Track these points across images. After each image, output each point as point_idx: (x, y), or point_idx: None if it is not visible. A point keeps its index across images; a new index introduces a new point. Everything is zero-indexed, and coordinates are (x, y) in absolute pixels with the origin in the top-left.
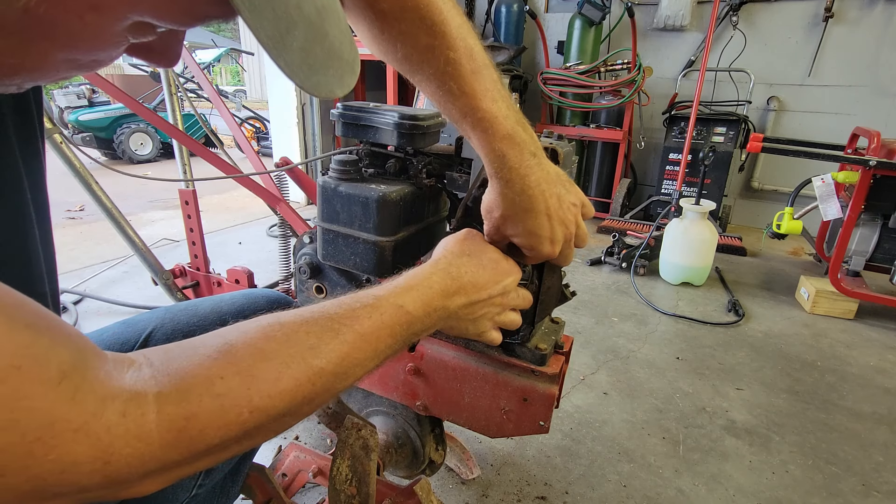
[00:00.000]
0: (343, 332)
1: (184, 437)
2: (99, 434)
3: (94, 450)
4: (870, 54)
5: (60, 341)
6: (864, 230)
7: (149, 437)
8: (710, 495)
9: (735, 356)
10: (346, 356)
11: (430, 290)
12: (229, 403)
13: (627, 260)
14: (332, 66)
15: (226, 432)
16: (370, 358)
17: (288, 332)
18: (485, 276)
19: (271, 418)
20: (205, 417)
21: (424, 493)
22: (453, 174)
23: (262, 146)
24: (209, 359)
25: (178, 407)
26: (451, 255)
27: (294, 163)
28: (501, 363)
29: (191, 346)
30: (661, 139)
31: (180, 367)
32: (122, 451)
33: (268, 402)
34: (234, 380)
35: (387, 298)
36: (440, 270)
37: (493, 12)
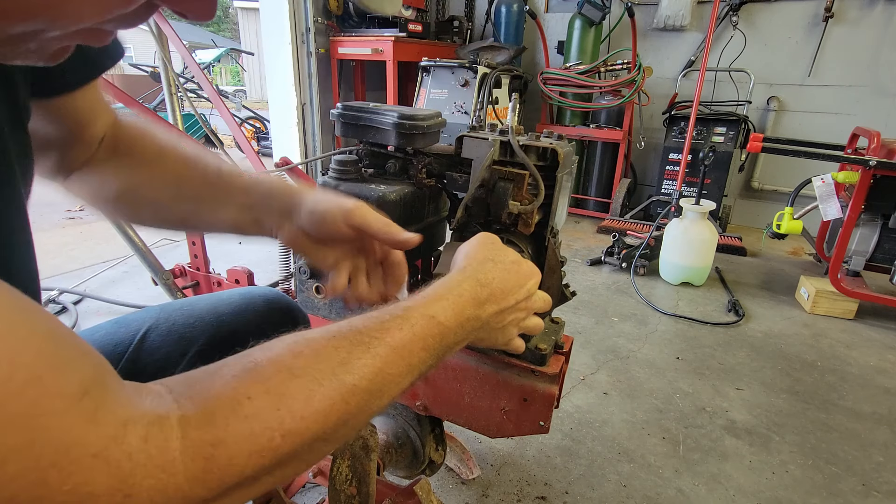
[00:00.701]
0: (374, 346)
1: (212, 468)
2: (119, 461)
3: (113, 480)
4: (870, 54)
5: (81, 354)
6: (864, 230)
7: (173, 467)
8: (710, 495)
9: (735, 356)
10: (379, 371)
11: (461, 299)
12: (259, 427)
13: (627, 260)
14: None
15: (258, 460)
16: (404, 373)
17: (316, 349)
18: (510, 280)
19: (305, 443)
20: (233, 443)
21: (424, 493)
22: (453, 174)
23: (262, 146)
24: (234, 378)
25: (204, 432)
26: (476, 261)
27: (294, 163)
28: (501, 363)
29: (213, 369)
30: (661, 139)
31: (204, 389)
32: (144, 483)
33: (300, 423)
34: (262, 400)
35: (417, 309)
36: (469, 278)
37: (493, 12)
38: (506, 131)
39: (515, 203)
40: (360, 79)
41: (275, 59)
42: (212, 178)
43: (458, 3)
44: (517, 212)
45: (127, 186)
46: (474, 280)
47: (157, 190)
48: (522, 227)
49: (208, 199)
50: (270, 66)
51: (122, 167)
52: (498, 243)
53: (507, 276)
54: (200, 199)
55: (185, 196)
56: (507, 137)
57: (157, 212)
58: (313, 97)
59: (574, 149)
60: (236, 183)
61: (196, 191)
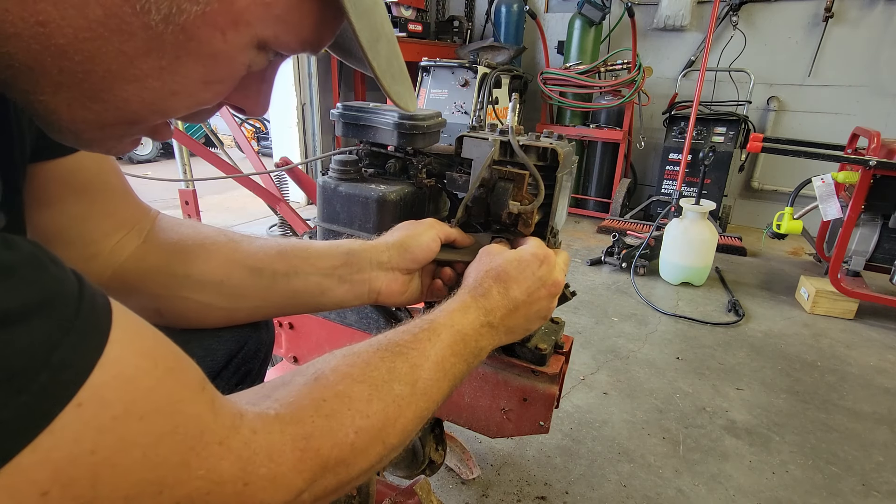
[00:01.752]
0: (412, 357)
1: (306, 458)
2: (239, 450)
3: (235, 467)
4: (870, 54)
5: (186, 355)
6: (864, 230)
7: (280, 457)
8: (710, 495)
9: (735, 356)
10: (419, 377)
11: (469, 309)
12: (337, 424)
13: (627, 260)
14: (405, 82)
15: (339, 452)
16: (442, 378)
17: (366, 360)
18: (513, 283)
19: (372, 439)
20: (319, 436)
21: (424, 493)
22: (453, 174)
23: (262, 146)
24: (307, 386)
25: (297, 427)
26: (476, 278)
27: (294, 163)
28: (501, 363)
29: (283, 381)
30: (661, 139)
31: (284, 395)
32: (259, 472)
33: (367, 421)
34: (335, 402)
35: (439, 321)
36: (469, 291)
37: (493, 12)
38: (506, 131)
39: (515, 203)
40: (360, 79)
41: None
42: (281, 249)
43: (458, 3)
44: (517, 212)
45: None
46: (474, 293)
47: (232, 275)
48: (522, 227)
49: (282, 272)
50: None
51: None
52: (495, 251)
53: (506, 279)
54: (275, 272)
55: (259, 271)
56: (507, 137)
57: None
58: (313, 97)
59: (574, 149)
60: (310, 250)
61: (269, 263)
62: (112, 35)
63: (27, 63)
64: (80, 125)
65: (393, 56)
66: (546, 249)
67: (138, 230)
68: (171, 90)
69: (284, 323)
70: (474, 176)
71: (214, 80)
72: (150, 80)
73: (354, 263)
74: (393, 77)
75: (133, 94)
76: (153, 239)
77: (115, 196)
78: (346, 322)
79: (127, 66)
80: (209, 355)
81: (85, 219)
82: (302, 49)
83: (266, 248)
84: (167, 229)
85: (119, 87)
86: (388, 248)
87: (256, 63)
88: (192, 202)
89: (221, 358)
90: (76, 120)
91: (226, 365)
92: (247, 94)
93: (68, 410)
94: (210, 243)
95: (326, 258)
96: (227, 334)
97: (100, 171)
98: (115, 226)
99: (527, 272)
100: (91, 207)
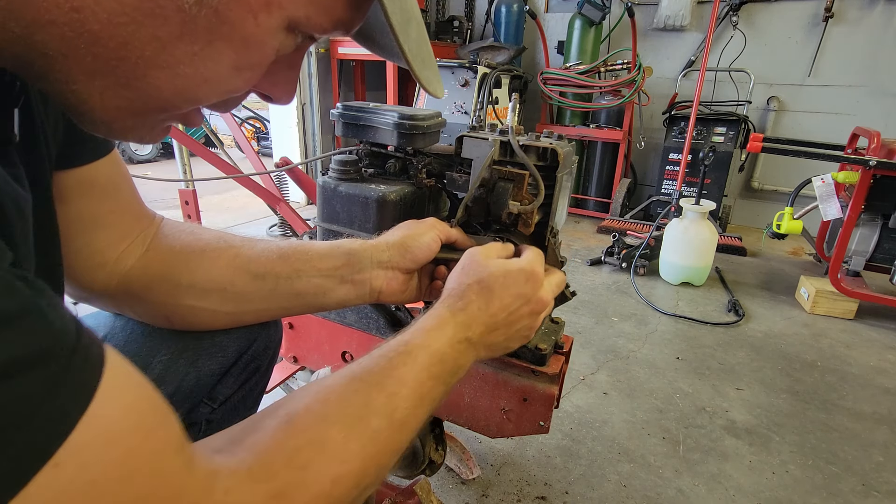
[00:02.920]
0: (388, 385)
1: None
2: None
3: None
4: (870, 54)
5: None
6: (864, 230)
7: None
8: (710, 495)
9: (735, 356)
10: (396, 408)
11: (446, 326)
12: (311, 476)
13: (627, 260)
14: (433, 68)
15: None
16: (419, 405)
17: (340, 395)
18: (495, 298)
19: (350, 486)
20: (294, 492)
21: (424, 493)
22: (453, 174)
23: (262, 146)
24: (279, 431)
25: (269, 485)
26: (457, 289)
27: (294, 163)
28: (501, 363)
29: (253, 424)
30: (661, 139)
31: (255, 444)
32: None
33: (343, 467)
34: (308, 450)
35: (414, 343)
36: (448, 306)
37: (493, 12)
38: (506, 131)
39: (515, 203)
40: (360, 79)
41: None
42: (282, 252)
43: (458, 3)
44: (517, 212)
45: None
46: (453, 307)
47: (237, 277)
48: (522, 227)
49: (285, 275)
50: None
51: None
52: (481, 261)
53: (489, 294)
54: (278, 275)
55: (262, 276)
56: (507, 137)
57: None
58: (313, 97)
59: (574, 149)
60: (311, 252)
61: (271, 267)
62: (146, 19)
63: (61, 50)
64: (112, 114)
65: (422, 41)
66: (536, 266)
67: (143, 238)
68: (203, 77)
69: (284, 323)
70: (474, 176)
71: (245, 66)
72: (183, 66)
73: (355, 263)
74: (423, 62)
75: (165, 82)
76: (156, 247)
77: (125, 205)
78: (346, 322)
79: (160, 52)
80: (221, 352)
81: (96, 227)
82: (334, 29)
83: (267, 251)
84: (169, 236)
85: (152, 75)
86: (388, 248)
87: (286, 46)
88: (192, 202)
89: (232, 355)
90: (109, 108)
91: (236, 361)
92: (275, 80)
93: (45, 472)
94: (211, 250)
95: (327, 259)
96: (238, 332)
97: (113, 180)
98: (122, 234)
99: (511, 288)
100: (102, 217)
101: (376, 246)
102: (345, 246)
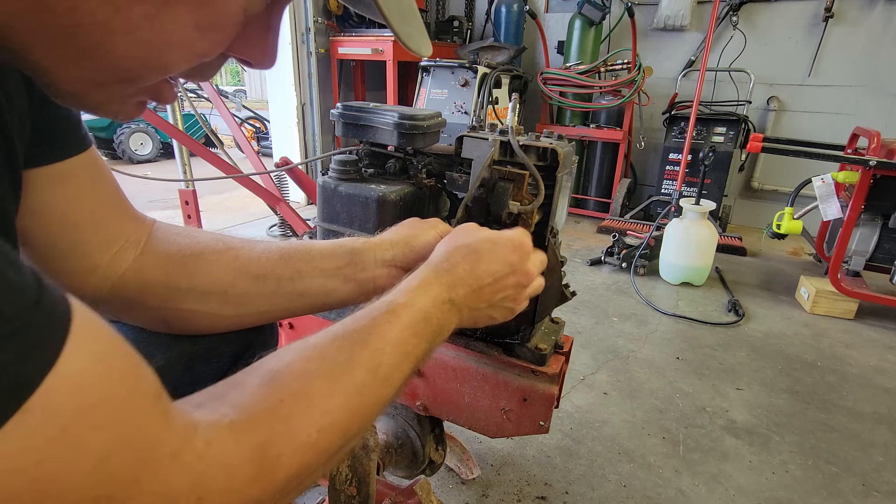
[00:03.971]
0: (371, 342)
1: (265, 467)
2: (192, 462)
3: (189, 481)
4: (870, 54)
5: (144, 362)
6: (864, 230)
7: (234, 469)
8: (710, 495)
9: (735, 356)
10: (380, 363)
11: (430, 286)
12: (297, 425)
13: (627, 260)
14: (416, 23)
15: (301, 458)
16: (403, 361)
17: (322, 352)
18: (482, 262)
19: (336, 436)
20: (279, 442)
21: (424, 493)
22: (453, 174)
23: (262, 146)
24: (261, 387)
25: (252, 435)
26: (444, 252)
27: (294, 163)
28: (501, 363)
29: (235, 381)
30: (661, 139)
31: (237, 398)
32: (213, 486)
33: (328, 418)
34: (293, 401)
35: (398, 302)
36: (433, 267)
37: (493, 12)
38: (506, 131)
39: (515, 203)
40: (360, 79)
41: None
42: (283, 253)
43: (458, 3)
44: (517, 212)
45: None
46: (438, 268)
47: (236, 281)
48: (522, 226)
49: (287, 276)
50: None
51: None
52: (471, 229)
53: (476, 257)
54: (279, 276)
55: (263, 277)
56: (507, 137)
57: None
58: (313, 97)
59: (574, 149)
60: (312, 252)
61: (272, 269)
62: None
63: (10, 21)
64: (77, 86)
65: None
66: (525, 239)
67: (135, 241)
68: (166, 41)
69: (284, 323)
70: (474, 176)
71: (208, 26)
72: (141, 31)
73: (358, 262)
74: (402, 17)
75: (126, 49)
76: (150, 251)
77: (108, 205)
78: None
79: (114, 16)
80: (216, 356)
81: (78, 228)
82: None
83: (267, 252)
84: (164, 240)
85: (110, 41)
86: (392, 246)
87: (253, 3)
88: (192, 202)
89: (227, 360)
90: (72, 80)
91: (231, 366)
92: (251, 43)
93: (17, 418)
94: (209, 253)
95: (330, 258)
96: (234, 335)
97: (91, 178)
98: (110, 236)
99: (498, 254)
100: (84, 217)
101: (379, 244)
102: (347, 245)
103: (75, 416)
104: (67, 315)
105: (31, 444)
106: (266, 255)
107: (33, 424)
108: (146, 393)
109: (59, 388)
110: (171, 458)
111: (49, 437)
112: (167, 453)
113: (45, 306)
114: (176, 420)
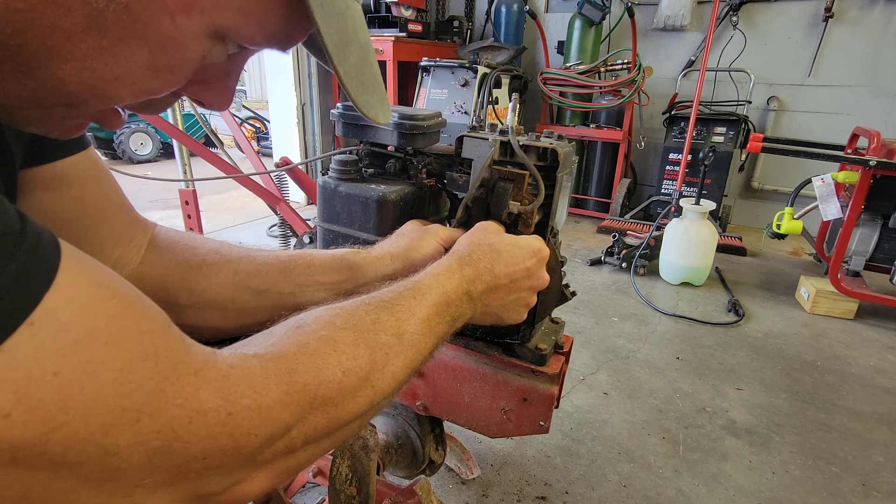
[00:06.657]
0: (397, 311)
1: (292, 391)
2: (218, 381)
3: (216, 396)
4: (870, 54)
5: None
6: (864, 230)
7: (262, 388)
8: (710, 495)
9: (735, 356)
10: (405, 331)
11: (454, 275)
12: (323, 362)
13: (627, 260)
14: (377, 92)
15: (326, 390)
16: (427, 334)
17: (349, 311)
18: (501, 262)
19: (361, 380)
20: (304, 372)
21: (424, 493)
22: (453, 174)
23: (262, 146)
24: (287, 335)
25: (279, 363)
26: (468, 245)
27: (294, 163)
28: (501, 363)
29: (264, 333)
30: (661, 139)
31: (264, 340)
32: (242, 402)
33: (354, 363)
34: (319, 343)
35: (424, 282)
36: (457, 258)
37: (493, 12)
38: (506, 131)
39: (515, 203)
40: None
41: (275, 59)
42: (283, 266)
43: (458, 3)
44: (517, 212)
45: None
46: (461, 260)
47: (236, 291)
48: (522, 226)
49: (287, 291)
50: (270, 66)
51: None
52: (492, 228)
53: (497, 256)
54: (280, 291)
55: (264, 292)
56: (507, 137)
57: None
58: (313, 97)
59: (574, 149)
60: (313, 265)
61: (272, 283)
62: (46, 8)
63: None
64: (13, 101)
65: (364, 63)
66: (543, 246)
67: (136, 246)
68: (114, 74)
69: None
70: (474, 176)
71: (162, 68)
72: (90, 60)
73: (359, 277)
74: (363, 85)
75: (70, 74)
76: (151, 261)
77: (110, 207)
78: None
79: (64, 43)
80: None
81: (81, 228)
82: (268, 45)
83: (267, 265)
84: (164, 249)
85: (55, 65)
86: (393, 260)
87: (214, 54)
88: (192, 202)
89: None
90: (9, 96)
91: None
92: (206, 86)
93: (21, 330)
94: (208, 266)
95: (330, 273)
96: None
97: (92, 176)
98: (112, 238)
99: (518, 257)
100: (85, 216)
101: (380, 259)
102: (347, 258)
103: (87, 333)
104: (56, 244)
105: (43, 355)
106: (266, 269)
107: (41, 337)
108: (155, 318)
109: (62, 307)
110: (194, 374)
111: (61, 350)
112: (189, 371)
113: (30, 235)
114: (194, 345)
